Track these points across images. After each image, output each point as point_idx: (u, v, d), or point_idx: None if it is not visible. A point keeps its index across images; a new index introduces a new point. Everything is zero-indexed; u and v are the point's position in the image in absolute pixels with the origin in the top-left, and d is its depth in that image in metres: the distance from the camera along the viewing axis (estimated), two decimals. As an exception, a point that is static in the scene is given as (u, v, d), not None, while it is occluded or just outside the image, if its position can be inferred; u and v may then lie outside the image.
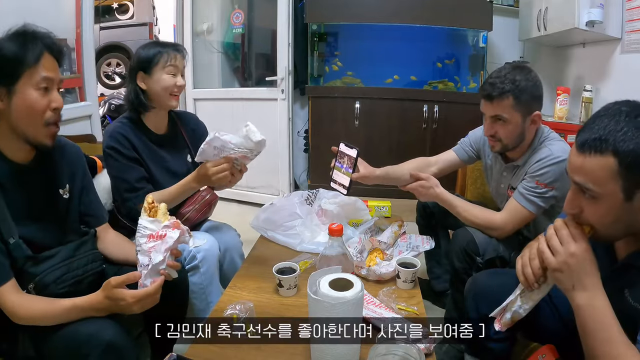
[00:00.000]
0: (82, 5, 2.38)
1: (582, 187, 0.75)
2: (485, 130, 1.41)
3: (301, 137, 3.45)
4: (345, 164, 1.47)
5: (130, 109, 1.46)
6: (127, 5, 5.17)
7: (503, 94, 1.29)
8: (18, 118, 0.95)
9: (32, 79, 0.93)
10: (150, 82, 1.42)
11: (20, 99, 0.93)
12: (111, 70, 5.23)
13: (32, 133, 0.97)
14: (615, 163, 0.70)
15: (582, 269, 0.73)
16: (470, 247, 1.40)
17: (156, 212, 1.02)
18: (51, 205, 1.07)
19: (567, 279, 0.76)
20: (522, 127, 1.34)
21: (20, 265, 0.95)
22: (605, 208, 0.74)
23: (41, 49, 0.94)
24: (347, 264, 1.03)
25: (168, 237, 0.99)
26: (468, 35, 3.12)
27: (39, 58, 0.94)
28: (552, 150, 1.34)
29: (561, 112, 2.41)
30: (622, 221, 0.75)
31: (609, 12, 2.17)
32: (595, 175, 0.72)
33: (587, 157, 0.72)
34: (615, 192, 0.71)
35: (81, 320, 0.94)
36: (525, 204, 1.36)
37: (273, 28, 3.09)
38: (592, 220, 0.77)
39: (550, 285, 0.86)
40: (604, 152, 0.70)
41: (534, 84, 1.32)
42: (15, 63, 0.92)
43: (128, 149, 1.40)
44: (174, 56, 1.42)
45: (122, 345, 0.91)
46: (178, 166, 1.54)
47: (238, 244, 1.64)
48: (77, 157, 1.18)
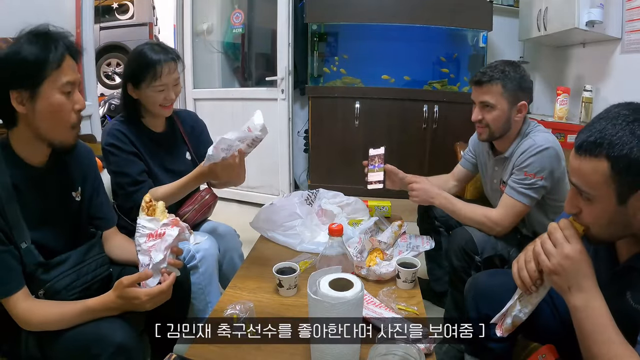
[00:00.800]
0: (82, 5, 2.38)
1: (579, 189, 0.76)
2: (473, 115, 1.46)
3: (301, 137, 3.45)
4: (376, 163, 1.59)
5: (125, 112, 1.46)
6: (127, 5, 5.17)
7: (492, 80, 1.38)
8: (43, 121, 0.93)
9: (56, 82, 0.92)
10: (139, 94, 1.40)
11: (45, 102, 0.92)
12: (111, 70, 5.23)
13: (57, 136, 0.97)
14: (608, 167, 0.70)
15: (577, 270, 0.74)
16: (469, 246, 1.42)
17: (154, 210, 1.01)
18: (64, 208, 1.06)
19: (562, 281, 0.76)
20: (508, 114, 1.40)
21: (31, 271, 0.94)
22: (600, 210, 0.74)
23: (63, 51, 0.93)
24: (347, 264, 1.03)
25: (167, 235, 0.99)
26: (468, 35, 3.12)
27: (62, 60, 0.92)
28: (536, 140, 1.38)
29: (561, 112, 2.41)
30: (617, 223, 0.75)
31: (609, 12, 2.17)
32: (589, 178, 0.73)
33: (583, 160, 0.73)
34: (609, 195, 0.72)
35: (91, 321, 0.94)
36: (517, 197, 1.39)
37: (273, 28, 3.09)
38: (588, 221, 0.78)
39: (548, 288, 0.86)
40: (598, 155, 0.71)
41: (521, 76, 1.40)
42: (38, 66, 0.90)
43: (127, 144, 1.40)
44: (160, 74, 1.35)
45: (131, 347, 0.91)
46: (176, 165, 1.54)
47: (237, 244, 1.64)
48: (89, 159, 1.17)
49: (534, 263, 0.83)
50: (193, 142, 1.60)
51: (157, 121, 1.50)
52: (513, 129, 1.44)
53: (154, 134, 1.50)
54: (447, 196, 1.52)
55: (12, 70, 0.90)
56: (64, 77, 0.93)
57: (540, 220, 1.50)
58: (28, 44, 0.91)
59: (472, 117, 1.47)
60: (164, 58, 1.37)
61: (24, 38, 0.93)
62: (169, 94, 1.41)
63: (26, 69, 0.90)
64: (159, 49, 1.39)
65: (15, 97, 0.91)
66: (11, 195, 0.92)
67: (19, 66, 0.90)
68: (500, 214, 1.41)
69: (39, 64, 0.90)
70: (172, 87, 1.41)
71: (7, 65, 0.90)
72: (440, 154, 2.88)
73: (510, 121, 1.42)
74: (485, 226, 1.43)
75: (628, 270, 0.81)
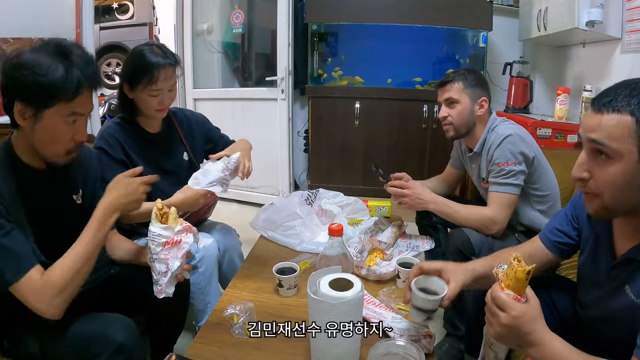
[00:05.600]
0: (82, 5, 2.38)
1: (597, 146, 0.75)
2: (440, 114, 1.60)
3: (301, 137, 3.45)
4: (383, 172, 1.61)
5: (122, 110, 1.45)
6: (127, 5, 5.18)
7: (454, 80, 1.56)
8: (39, 141, 0.92)
9: (63, 111, 0.89)
10: (134, 94, 1.38)
11: (46, 125, 0.90)
12: (111, 70, 5.23)
13: (49, 156, 0.96)
14: (633, 121, 0.71)
15: (517, 333, 0.74)
16: (466, 246, 1.43)
17: (167, 217, 1.01)
18: (65, 211, 1.06)
19: (510, 342, 0.78)
20: (471, 108, 1.54)
21: None
22: (619, 168, 0.73)
23: (81, 82, 0.89)
24: (347, 264, 1.03)
25: (184, 243, 1.00)
26: (468, 35, 3.12)
27: (77, 93, 0.89)
28: (498, 132, 1.48)
29: (561, 112, 2.41)
30: (632, 185, 0.74)
31: (609, 12, 2.17)
32: (612, 131, 0.73)
33: (605, 115, 0.73)
34: (631, 151, 0.72)
35: (92, 321, 0.94)
36: (502, 189, 1.43)
37: (273, 28, 3.09)
38: (602, 185, 0.77)
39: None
40: (622, 111, 0.72)
41: (479, 75, 1.61)
42: (50, 93, 0.86)
43: (116, 150, 1.37)
44: (156, 78, 1.33)
45: (132, 347, 0.91)
46: (172, 165, 1.52)
47: (237, 244, 1.64)
48: (91, 161, 1.17)
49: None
50: (190, 141, 1.60)
51: (152, 121, 1.48)
52: (478, 124, 1.56)
53: (149, 135, 1.48)
54: (441, 200, 1.51)
55: (23, 84, 0.86)
56: (73, 108, 0.90)
57: (529, 214, 1.52)
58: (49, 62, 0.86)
59: (440, 115, 1.59)
60: (163, 62, 1.34)
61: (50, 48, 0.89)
62: (163, 99, 1.39)
63: (37, 90, 0.86)
64: (158, 52, 1.36)
65: (19, 110, 0.89)
66: (15, 199, 0.92)
67: (32, 83, 0.85)
68: (493, 210, 1.43)
69: (52, 90, 0.86)
70: (167, 92, 1.39)
71: (21, 75, 0.86)
72: (440, 154, 2.88)
73: (474, 115, 1.55)
74: (483, 225, 1.43)
75: (627, 263, 0.82)
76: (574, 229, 1.01)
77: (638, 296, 0.77)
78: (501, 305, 0.75)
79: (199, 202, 1.36)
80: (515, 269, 0.74)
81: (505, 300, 0.74)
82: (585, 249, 0.96)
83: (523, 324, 0.73)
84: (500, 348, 0.88)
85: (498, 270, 0.80)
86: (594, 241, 0.93)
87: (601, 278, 0.88)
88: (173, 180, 1.50)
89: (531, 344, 0.74)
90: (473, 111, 1.54)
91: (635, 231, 0.81)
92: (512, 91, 2.89)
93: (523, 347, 0.76)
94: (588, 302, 0.92)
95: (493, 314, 0.77)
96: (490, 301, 0.77)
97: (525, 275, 0.73)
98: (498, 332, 0.76)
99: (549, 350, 0.73)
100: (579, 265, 0.99)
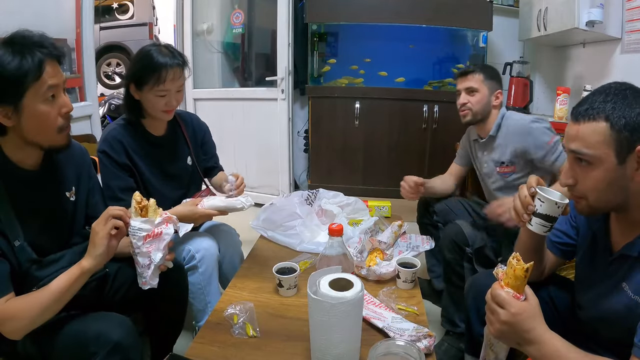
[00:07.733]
0: (82, 5, 2.37)
1: (578, 155, 0.80)
2: (459, 100, 1.71)
3: (301, 137, 3.45)
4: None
5: (127, 112, 1.43)
6: (127, 5, 5.18)
7: (475, 70, 1.70)
8: (30, 131, 0.93)
9: (37, 92, 0.89)
10: (140, 95, 1.36)
11: (30, 114, 0.90)
12: (111, 70, 5.23)
13: (46, 141, 0.96)
14: (607, 127, 0.76)
15: (517, 330, 0.75)
16: (459, 238, 1.53)
17: (147, 210, 1.00)
18: (58, 208, 1.06)
19: (510, 340, 0.79)
20: (488, 98, 1.68)
21: (25, 269, 0.94)
22: (600, 173, 0.78)
23: (40, 58, 0.89)
24: (347, 264, 1.03)
25: (165, 234, 1.00)
26: (468, 35, 3.12)
27: (41, 70, 0.89)
28: (514, 117, 1.64)
29: (561, 112, 2.41)
30: (615, 186, 0.79)
31: (609, 12, 2.17)
32: (589, 140, 0.78)
33: (582, 125, 0.79)
34: (608, 155, 0.77)
35: (89, 319, 0.94)
36: (563, 155, 1.50)
37: (273, 28, 3.09)
38: (586, 190, 0.81)
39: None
40: (597, 118, 0.77)
41: (496, 70, 1.76)
42: (16, 82, 0.87)
43: (119, 154, 1.36)
44: (164, 79, 1.31)
45: (129, 346, 0.91)
46: (176, 169, 1.51)
47: (237, 244, 1.64)
48: (83, 159, 1.17)
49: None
50: (195, 146, 1.58)
51: (158, 124, 1.46)
52: (492, 113, 1.69)
53: (154, 138, 1.46)
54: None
55: None
56: (45, 84, 0.90)
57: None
58: (3, 56, 0.86)
59: (459, 102, 1.71)
60: (171, 63, 1.32)
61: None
62: (170, 100, 1.36)
63: (4, 86, 0.86)
64: (166, 52, 1.34)
65: (1, 113, 0.89)
66: (2, 196, 0.92)
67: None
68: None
69: (17, 79, 0.87)
70: (175, 93, 1.37)
71: None
72: (440, 154, 2.88)
73: (490, 105, 1.68)
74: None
75: (623, 259, 0.83)
76: (572, 228, 1.02)
77: (636, 293, 0.78)
78: (501, 303, 0.76)
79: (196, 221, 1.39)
80: (514, 267, 0.76)
81: (505, 298, 0.76)
82: (583, 246, 0.97)
83: (522, 321, 0.74)
84: (500, 349, 0.88)
85: (498, 270, 0.82)
86: (591, 238, 0.94)
87: (599, 276, 0.89)
88: (175, 184, 1.50)
89: (530, 342, 0.75)
90: (489, 101, 1.68)
91: (629, 227, 0.83)
92: (512, 91, 2.88)
93: (522, 345, 0.76)
94: (586, 302, 0.93)
95: (493, 312, 0.78)
96: (490, 299, 0.79)
97: (524, 272, 0.75)
98: (498, 330, 0.77)
99: (548, 348, 0.73)
100: (576, 265, 1.00)
